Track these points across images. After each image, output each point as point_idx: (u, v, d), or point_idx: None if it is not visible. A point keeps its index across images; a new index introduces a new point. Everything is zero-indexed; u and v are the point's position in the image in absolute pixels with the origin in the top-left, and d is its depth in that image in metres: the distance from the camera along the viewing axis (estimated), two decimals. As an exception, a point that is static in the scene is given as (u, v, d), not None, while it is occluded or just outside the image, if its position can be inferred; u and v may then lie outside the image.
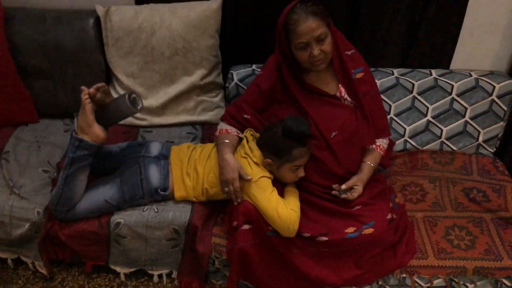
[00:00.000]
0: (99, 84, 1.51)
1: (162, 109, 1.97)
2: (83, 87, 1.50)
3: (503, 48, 1.96)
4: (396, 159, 1.90)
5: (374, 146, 1.66)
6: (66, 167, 1.52)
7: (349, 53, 1.61)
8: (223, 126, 1.66)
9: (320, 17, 1.44)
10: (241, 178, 1.49)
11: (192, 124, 2.01)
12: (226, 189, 1.51)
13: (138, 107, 1.53)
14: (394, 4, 1.85)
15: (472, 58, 1.98)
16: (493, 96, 1.86)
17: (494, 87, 1.85)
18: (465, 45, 1.95)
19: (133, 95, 1.53)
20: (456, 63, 2.00)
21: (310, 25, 1.43)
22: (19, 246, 1.68)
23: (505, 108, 1.88)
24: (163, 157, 1.64)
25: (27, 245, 1.66)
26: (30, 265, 1.71)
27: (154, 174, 1.59)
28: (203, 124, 2.02)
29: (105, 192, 1.57)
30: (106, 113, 1.52)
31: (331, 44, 1.49)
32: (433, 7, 1.83)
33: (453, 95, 1.88)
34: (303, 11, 1.44)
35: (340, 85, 1.61)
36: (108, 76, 2.01)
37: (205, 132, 1.97)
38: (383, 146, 1.68)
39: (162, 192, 1.59)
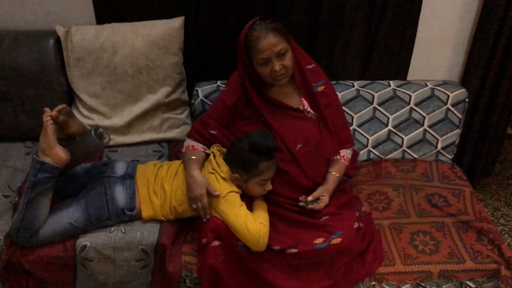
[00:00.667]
0: (60, 107, 1.49)
1: (127, 128, 1.95)
2: (46, 109, 1.48)
3: (454, 58, 2.06)
4: (360, 169, 1.95)
5: (338, 157, 1.70)
6: (27, 191, 1.47)
7: (310, 67, 1.66)
8: (189, 142, 1.66)
9: (280, 33, 1.48)
10: (209, 194, 1.49)
11: (158, 142, 2.00)
12: (194, 206, 1.50)
13: (105, 141, 1.55)
14: (351, 19, 1.92)
15: (427, 69, 2.08)
16: (448, 105, 1.95)
17: (448, 96, 1.94)
18: (420, 57, 2.04)
19: (100, 130, 1.55)
20: (413, 74, 2.08)
21: (270, 41, 1.46)
22: (-21, 276, 1.60)
23: (459, 115, 1.97)
24: (129, 176, 1.62)
25: (-13, 274, 1.59)
26: (-9, 296, 1.64)
27: (120, 194, 1.57)
28: (169, 141, 2.00)
29: (70, 215, 1.53)
30: (75, 151, 1.52)
31: (291, 59, 1.53)
32: (387, 21, 1.91)
33: (411, 104, 1.96)
34: (263, 27, 1.47)
35: (302, 99, 1.65)
36: (71, 97, 1.97)
37: (172, 150, 1.96)
38: (347, 157, 1.72)
39: (129, 212, 1.57)
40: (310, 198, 1.57)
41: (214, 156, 1.58)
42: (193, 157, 1.59)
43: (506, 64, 1.96)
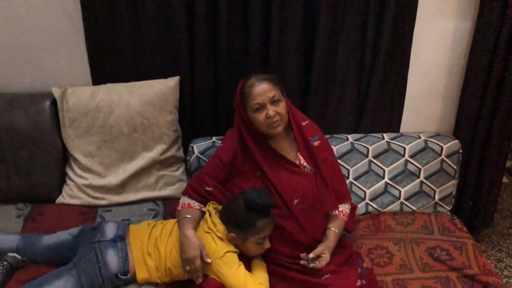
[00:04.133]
0: None
1: (121, 187, 1.93)
2: None
3: (445, 110, 2.10)
4: (359, 223, 1.92)
5: (337, 212, 1.67)
6: None
7: (304, 123, 1.68)
8: (185, 200, 1.64)
9: (273, 82, 1.57)
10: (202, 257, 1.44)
11: (153, 200, 1.97)
12: (188, 267, 1.45)
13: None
14: (342, 77, 1.97)
15: (419, 121, 2.11)
16: (443, 156, 1.96)
17: (442, 147, 1.96)
18: (411, 109, 2.08)
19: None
20: (405, 126, 2.11)
21: (264, 87, 1.53)
22: None
23: (455, 166, 1.98)
24: (120, 238, 1.57)
25: None
26: None
27: (112, 259, 1.51)
28: (164, 199, 1.97)
29: (61, 287, 1.46)
30: None
31: (285, 107, 1.57)
32: (377, 77, 1.97)
33: (406, 157, 1.97)
34: (257, 77, 1.57)
35: (299, 153, 1.65)
36: (65, 157, 1.96)
37: (167, 208, 1.92)
38: (345, 212, 1.70)
39: (123, 277, 1.51)
40: (311, 255, 1.53)
41: (210, 215, 1.55)
42: (188, 216, 1.55)
43: (495, 115, 2.00)
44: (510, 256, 2.30)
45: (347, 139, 1.99)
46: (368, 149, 1.96)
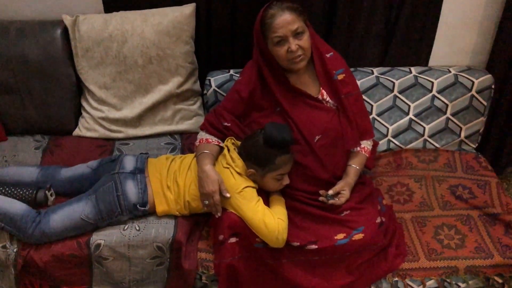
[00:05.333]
0: None
1: (138, 120, 1.90)
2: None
3: (479, 43, 1.97)
4: (380, 160, 1.88)
5: (359, 148, 1.63)
6: None
7: (328, 55, 1.59)
8: (202, 135, 1.61)
9: (297, 12, 1.45)
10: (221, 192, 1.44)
11: (171, 134, 1.94)
12: (206, 202, 1.45)
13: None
14: (370, 4, 1.83)
15: (450, 54, 1.99)
16: (473, 92, 1.86)
17: (473, 82, 1.85)
18: (442, 41, 1.95)
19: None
20: (435, 59, 1.99)
21: (286, 19, 1.42)
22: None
23: (484, 103, 1.88)
24: (139, 171, 1.58)
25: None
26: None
27: (131, 189, 1.52)
28: (182, 133, 1.95)
29: (80, 209, 1.49)
30: None
31: (309, 40, 1.47)
32: (409, 5, 1.82)
33: (434, 92, 1.87)
34: (279, 6, 1.45)
35: (321, 88, 1.58)
36: (79, 89, 1.92)
37: (185, 142, 1.90)
38: (367, 148, 1.65)
39: (142, 208, 1.52)
40: (330, 192, 1.51)
41: (229, 150, 1.52)
42: (206, 151, 1.53)
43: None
44: (532, 196, 2.26)
45: (372, 73, 1.89)
46: (394, 83, 1.87)
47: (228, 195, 1.44)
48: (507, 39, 1.86)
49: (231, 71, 1.87)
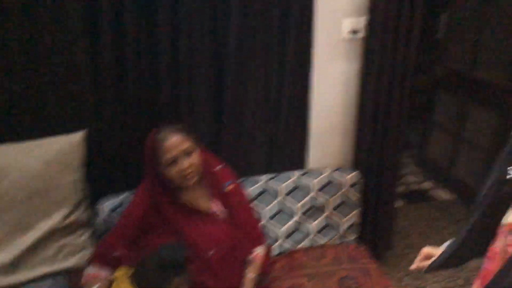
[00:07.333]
0: None
1: (15, 265, 1.68)
2: None
3: (346, 145, 2.28)
4: (276, 264, 1.97)
5: (252, 256, 1.70)
6: None
7: (217, 168, 1.70)
8: (90, 270, 1.55)
9: (185, 132, 1.54)
10: None
11: (53, 275, 1.74)
12: None
13: None
14: (252, 121, 2.03)
15: (323, 157, 2.26)
16: (346, 187, 2.11)
17: (345, 180, 2.11)
18: (315, 147, 2.22)
19: None
20: (313, 162, 2.24)
21: (176, 140, 1.50)
22: None
23: (357, 195, 2.13)
24: None
25: None
26: None
27: None
28: (67, 272, 1.76)
29: None
30: None
31: (199, 158, 1.56)
32: (283, 119, 2.08)
33: (314, 192, 2.07)
34: (168, 129, 1.53)
35: (213, 201, 1.66)
36: None
37: (70, 283, 1.72)
38: (260, 255, 1.73)
39: None
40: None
41: (119, 282, 1.47)
42: None
43: (384, 145, 2.21)
44: (407, 276, 2.50)
45: (259, 181, 2.04)
46: (278, 188, 2.04)
47: None
48: (364, 139, 2.18)
49: (123, 195, 1.84)
